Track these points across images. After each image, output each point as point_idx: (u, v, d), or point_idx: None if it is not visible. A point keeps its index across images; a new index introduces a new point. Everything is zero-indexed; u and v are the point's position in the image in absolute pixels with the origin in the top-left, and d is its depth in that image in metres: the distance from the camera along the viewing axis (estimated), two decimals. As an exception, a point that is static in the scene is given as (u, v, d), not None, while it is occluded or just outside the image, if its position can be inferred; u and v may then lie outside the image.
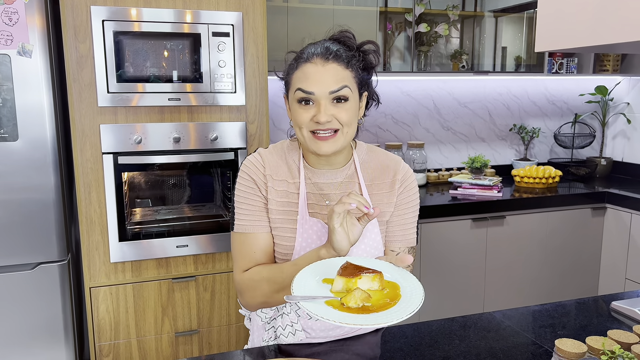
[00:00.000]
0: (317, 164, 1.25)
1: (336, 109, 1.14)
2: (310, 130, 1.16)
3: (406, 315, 0.92)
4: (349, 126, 1.17)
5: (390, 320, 0.91)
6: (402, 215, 1.29)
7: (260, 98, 2.33)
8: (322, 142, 1.15)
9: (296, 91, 1.16)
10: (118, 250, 2.22)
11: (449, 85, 3.32)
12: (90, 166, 2.15)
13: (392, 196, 1.27)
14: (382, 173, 1.29)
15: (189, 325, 2.38)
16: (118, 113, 2.16)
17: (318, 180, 1.25)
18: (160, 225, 2.33)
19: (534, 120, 3.55)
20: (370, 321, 0.92)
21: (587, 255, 3.05)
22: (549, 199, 2.91)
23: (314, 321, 1.25)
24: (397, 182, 1.28)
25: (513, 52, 3.26)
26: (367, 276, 1.00)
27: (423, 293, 0.99)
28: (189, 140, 2.25)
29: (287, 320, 1.25)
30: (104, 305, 2.24)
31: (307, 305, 0.95)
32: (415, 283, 1.02)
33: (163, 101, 2.19)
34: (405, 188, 1.29)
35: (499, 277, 2.89)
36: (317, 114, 1.13)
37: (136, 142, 2.18)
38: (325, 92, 1.13)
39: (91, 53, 2.08)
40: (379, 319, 0.92)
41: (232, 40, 2.24)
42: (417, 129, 3.31)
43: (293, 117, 1.19)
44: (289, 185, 1.24)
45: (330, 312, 0.94)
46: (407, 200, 1.29)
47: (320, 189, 1.25)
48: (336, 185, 1.25)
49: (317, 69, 1.14)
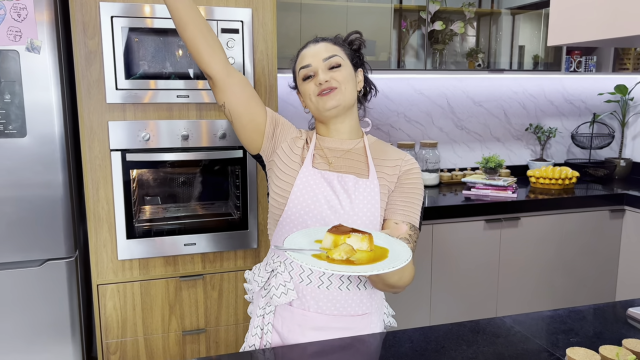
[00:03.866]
0: (327, 132, 1.39)
1: (332, 73, 1.31)
2: (317, 94, 1.32)
3: (386, 269, 0.94)
4: (347, 84, 1.32)
5: (369, 271, 0.94)
6: (406, 193, 1.33)
7: (269, 96, 2.30)
8: (326, 97, 1.30)
9: (299, 71, 1.35)
10: (126, 247, 2.21)
11: (463, 83, 3.26)
12: (98, 163, 2.14)
13: (393, 177, 1.34)
14: (387, 155, 1.38)
15: (196, 324, 2.36)
16: (126, 110, 2.15)
17: (327, 145, 1.38)
18: (168, 222, 2.32)
19: (551, 120, 3.47)
20: (350, 270, 0.95)
21: (604, 259, 2.97)
22: (565, 200, 2.84)
23: (305, 285, 1.28)
24: (400, 167, 1.35)
25: (530, 51, 3.19)
26: (356, 236, 1.03)
27: (410, 255, 1.00)
28: (197, 137, 2.23)
29: (280, 279, 1.30)
30: (111, 302, 2.24)
31: (294, 253, 0.99)
32: (404, 249, 1.04)
33: (172, 98, 2.17)
34: (407, 173, 1.35)
35: (512, 281, 2.82)
36: (316, 78, 1.31)
37: (144, 140, 2.17)
38: (319, 60, 1.32)
39: (100, 49, 2.07)
40: (358, 269, 0.95)
41: (242, 37, 2.21)
42: (431, 128, 3.26)
43: (302, 93, 1.36)
44: (300, 150, 1.37)
45: (313, 260, 0.98)
46: (409, 181, 1.34)
47: (327, 153, 1.37)
48: (343, 153, 1.36)
49: (310, 48, 1.36)
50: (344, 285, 1.29)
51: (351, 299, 1.30)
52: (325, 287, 1.28)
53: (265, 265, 1.39)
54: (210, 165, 2.35)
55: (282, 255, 1.33)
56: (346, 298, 1.29)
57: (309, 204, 1.28)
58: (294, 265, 1.31)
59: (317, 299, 1.29)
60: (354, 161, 1.35)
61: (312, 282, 1.29)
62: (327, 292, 1.28)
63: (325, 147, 1.38)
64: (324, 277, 1.29)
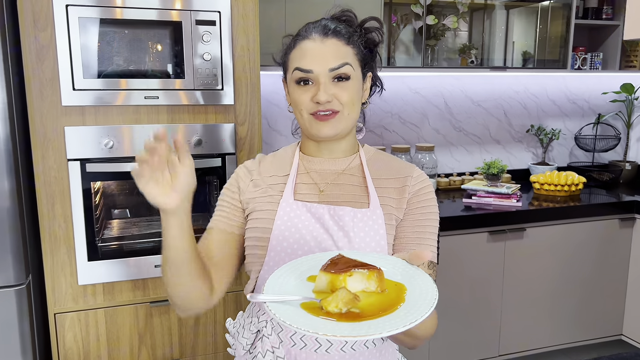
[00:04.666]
0: (318, 152, 1.12)
1: (337, 89, 1.02)
2: (311, 113, 1.04)
3: (402, 327, 0.68)
4: (351, 107, 1.04)
5: (378, 332, 0.67)
6: (419, 221, 1.06)
7: (251, 96, 2.03)
8: (323, 123, 1.03)
9: (294, 71, 1.04)
10: (87, 270, 1.93)
11: (461, 82, 3.02)
12: (53, 175, 1.86)
13: (401, 202, 1.07)
14: (390, 173, 1.12)
15: (169, 355, 2.09)
16: (86, 113, 1.86)
17: (315, 168, 1.11)
18: (136, 241, 2.05)
19: (553, 121, 3.25)
20: (348, 331, 0.68)
21: (614, 271, 2.77)
22: (573, 209, 2.62)
23: (298, 349, 1.02)
24: (408, 188, 1.08)
25: (524, 47, 2.95)
26: (360, 273, 0.78)
27: (435, 297, 0.75)
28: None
29: (268, 344, 1.03)
30: (71, 333, 1.96)
31: (273, 306, 0.75)
32: (428, 284, 0.79)
33: (139, 100, 1.90)
34: (418, 194, 1.08)
35: (517, 297, 2.60)
36: (316, 94, 1.02)
37: (107, 147, 1.89)
38: (324, 69, 1.02)
39: (53, 43, 1.79)
40: (362, 330, 0.68)
41: (219, 29, 1.94)
42: (426, 130, 3.02)
43: (292, 100, 1.07)
44: (278, 178, 1.11)
45: (298, 317, 0.71)
46: (422, 205, 1.07)
47: (315, 178, 1.10)
48: (335, 176, 1.10)
49: (316, 46, 1.03)
50: (348, 345, 1.03)
51: None
52: (325, 351, 1.02)
53: (249, 323, 1.10)
54: (185, 175, 2.08)
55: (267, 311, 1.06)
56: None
57: (295, 249, 1.02)
58: None
59: None
60: (349, 186, 1.09)
61: (308, 345, 1.02)
62: (328, 355, 1.02)
63: (312, 169, 1.11)
64: (322, 339, 1.02)
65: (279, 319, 0.71)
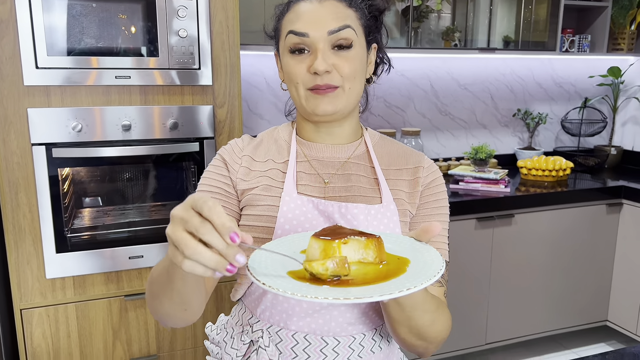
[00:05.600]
0: (317, 136, 0.97)
1: (337, 59, 0.87)
2: (308, 88, 0.88)
3: (398, 293, 0.59)
4: (353, 81, 0.89)
5: (369, 295, 0.58)
6: (430, 216, 0.96)
7: (231, 76, 1.91)
8: (320, 97, 0.88)
9: (287, 36, 0.89)
10: (56, 263, 1.81)
11: (447, 64, 2.93)
12: (16, 161, 1.72)
13: (413, 196, 0.95)
14: (400, 162, 0.98)
15: (146, 350, 1.98)
16: (51, 94, 1.72)
17: (316, 155, 0.96)
18: (109, 231, 1.92)
19: (539, 105, 3.20)
20: (341, 295, 0.59)
21: (600, 257, 2.73)
22: (562, 194, 2.57)
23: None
24: (420, 180, 0.96)
25: (509, 29, 2.87)
26: (356, 240, 0.69)
27: (442, 267, 0.65)
28: (142, 128, 1.83)
29: (264, 356, 0.90)
30: (39, 330, 1.83)
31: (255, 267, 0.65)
32: (434, 256, 0.69)
33: (109, 79, 1.76)
34: (430, 187, 0.97)
35: (504, 284, 2.55)
36: (313, 63, 0.86)
37: (76, 131, 1.75)
38: (322, 32, 0.86)
39: (13, 17, 1.64)
40: (355, 293, 0.60)
41: (196, 4, 1.81)
42: (412, 114, 2.93)
43: (286, 74, 0.92)
44: (276, 165, 0.96)
45: (281, 281, 0.63)
46: (434, 198, 0.96)
47: (318, 167, 0.96)
48: (339, 165, 0.96)
49: (313, 7, 0.88)
50: (355, 353, 0.92)
51: None
52: None
53: (239, 332, 0.96)
54: (161, 160, 1.96)
55: (263, 318, 0.93)
56: None
57: (298, 230, 0.89)
58: (282, 334, 0.91)
59: None
60: (356, 177, 0.95)
61: (311, 356, 0.90)
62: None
63: (312, 157, 0.96)
64: (328, 349, 0.90)
65: (255, 280, 0.61)
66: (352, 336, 0.92)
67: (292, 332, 0.90)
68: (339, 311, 0.89)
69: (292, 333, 0.90)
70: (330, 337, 0.90)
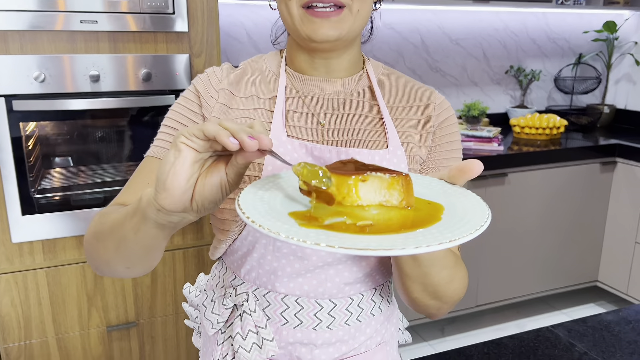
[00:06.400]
0: (311, 68, 0.81)
1: None
2: (303, 5, 0.71)
3: (437, 245, 0.45)
4: (363, 2, 0.73)
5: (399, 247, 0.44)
6: (444, 160, 0.83)
7: (208, 23, 1.76)
8: (320, 20, 0.71)
9: None
10: (22, 226, 1.67)
11: (439, 17, 2.79)
12: (-27, 114, 1.56)
13: (424, 138, 0.82)
14: (409, 98, 0.83)
15: (124, 317, 1.88)
16: (9, 39, 1.56)
17: (310, 91, 0.81)
18: (81, 192, 1.79)
19: (532, 62, 3.08)
20: (362, 244, 0.45)
21: (592, 217, 2.68)
22: (556, 153, 2.49)
23: (292, 327, 0.79)
24: (432, 119, 0.82)
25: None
26: (378, 178, 0.55)
27: (488, 214, 0.52)
28: (112, 78, 1.67)
29: (250, 323, 0.78)
30: (7, 297, 1.71)
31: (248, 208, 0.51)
32: (475, 202, 0.55)
33: (74, 24, 1.60)
34: (443, 126, 0.83)
35: (496, 245, 2.49)
36: None
37: (38, 81, 1.60)
38: None
39: (-40, -50, 1.46)
40: (381, 243, 0.46)
41: (168, -60, 1.64)
42: (401, 70, 2.80)
43: None
44: (260, 101, 0.80)
45: (284, 226, 0.48)
46: (448, 140, 0.83)
47: (312, 105, 0.80)
48: (338, 103, 0.81)
49: None
50: (354, 316, 0.81)
51: (363, 332, 0.83)
52: (326, 327, 0.79)
53: (221, 295, 0.84)
54: (135, 115, 1.81)
55: (248, 280, 0.81)
56: (356, 334, 0.82)
57: None
58: (270, 297, 0.80)
59: (314, 344, 0.80)
60: (357, 117, 0.81)
61: (304, 322, 0.80)
62: (329, 332, 0.79)
63: (306, 93, 0.81)
64: (322, 313, 0.79)
65: (252, 224, 0.48)
66: (350, 297, 0.81)
67: (282, 296, 0.79)
68: (335, 270, 0.78)
69: (281, 296, 0.79)
70: (325, 299, 0.79)
